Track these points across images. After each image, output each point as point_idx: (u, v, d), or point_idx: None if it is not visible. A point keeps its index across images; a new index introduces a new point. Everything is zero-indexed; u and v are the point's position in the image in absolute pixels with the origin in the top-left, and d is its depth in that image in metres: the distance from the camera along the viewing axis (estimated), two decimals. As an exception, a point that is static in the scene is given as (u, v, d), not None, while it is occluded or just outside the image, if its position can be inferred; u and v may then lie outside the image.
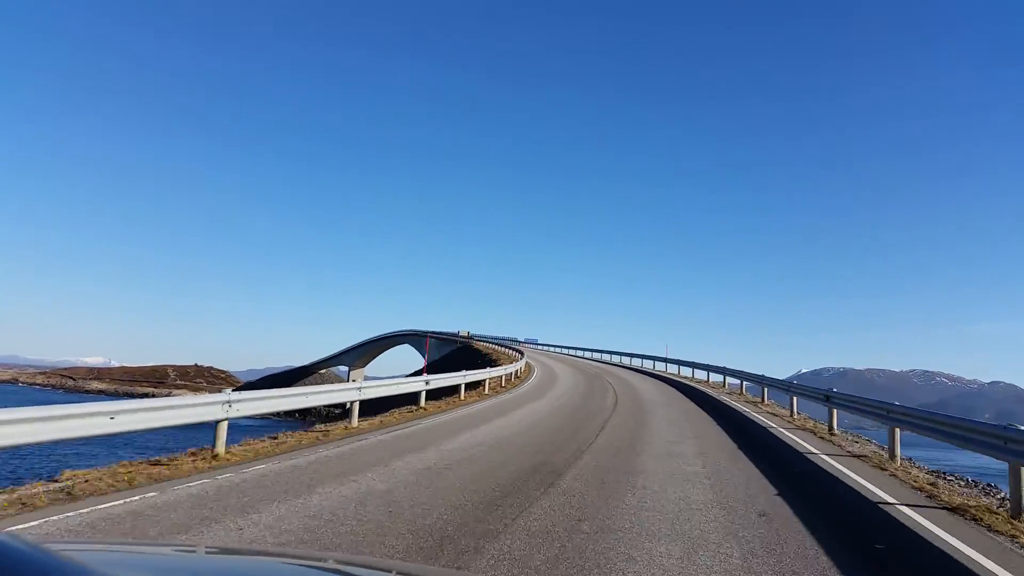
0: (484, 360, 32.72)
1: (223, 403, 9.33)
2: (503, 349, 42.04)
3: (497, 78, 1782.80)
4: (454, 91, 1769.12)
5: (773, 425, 15.49)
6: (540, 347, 57.39)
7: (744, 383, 25.09)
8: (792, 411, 17.71)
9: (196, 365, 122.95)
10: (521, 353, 32.81)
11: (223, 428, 9.30)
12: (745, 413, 18.15)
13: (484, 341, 53.14)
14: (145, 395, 58.99)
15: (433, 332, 63.54)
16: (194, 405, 9.07)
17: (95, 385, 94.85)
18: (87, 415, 7.57)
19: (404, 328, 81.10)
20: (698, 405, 19.83)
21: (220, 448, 9.20)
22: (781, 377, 22.80)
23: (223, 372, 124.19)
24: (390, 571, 2.11)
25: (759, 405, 20.80)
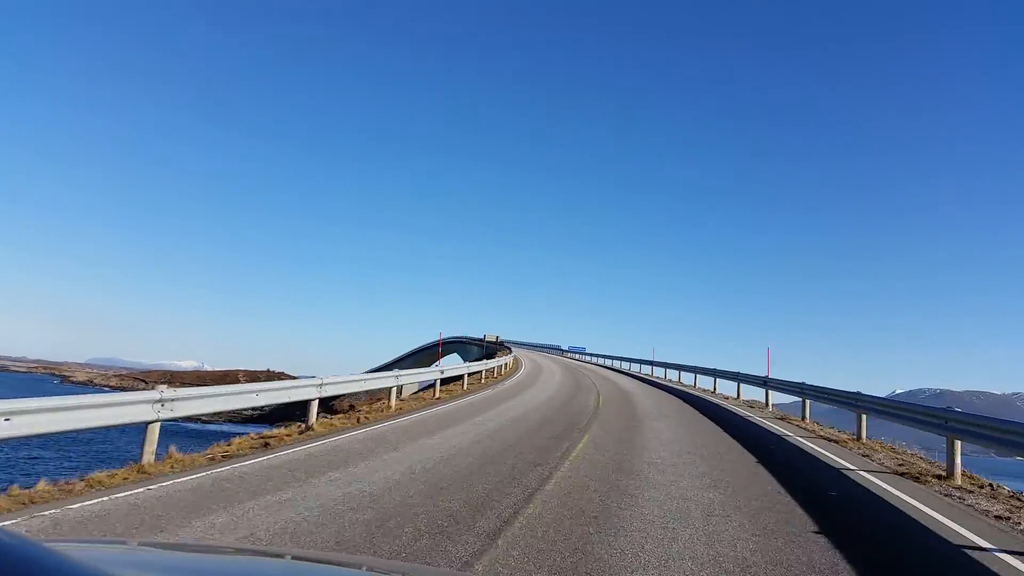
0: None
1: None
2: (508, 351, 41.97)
3: (562, 93, 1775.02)
4: (517, 101, 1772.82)
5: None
6: (586, 356, 54.61)
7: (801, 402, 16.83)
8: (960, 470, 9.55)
9: (267, 371, 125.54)
10: (509, 349, 38.91)
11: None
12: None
13: (512, 345, 50.99)
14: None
15: (465, 337, 61.78)
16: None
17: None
18: None
19: (450, 335, 79.86)
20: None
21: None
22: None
23: (294, 378, 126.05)
24: (374, 569, 2.04)
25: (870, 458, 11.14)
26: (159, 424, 7.86)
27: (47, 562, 0.81)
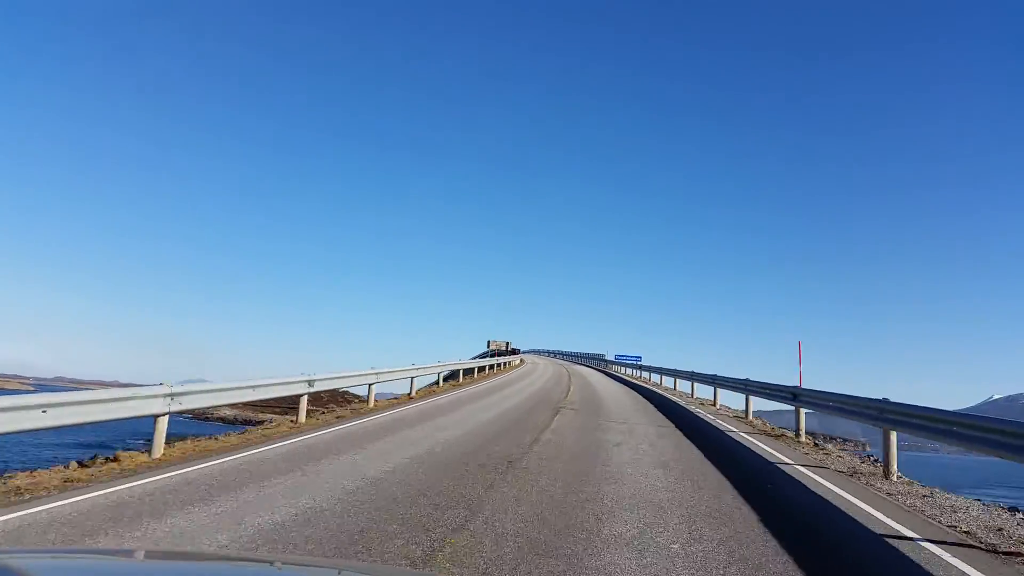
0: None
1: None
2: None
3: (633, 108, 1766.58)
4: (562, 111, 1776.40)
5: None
6: (638, 368, 53.88)
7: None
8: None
9: (332, 389, 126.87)
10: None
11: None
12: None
13: (540, 355, 50.95)
14: (262, 421, 60.35)
15: (494, 350, 62.62)
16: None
17: (227, 410, 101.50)
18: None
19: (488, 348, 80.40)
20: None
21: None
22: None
23: (357, 396, 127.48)
24: (337, 569, 2.10)
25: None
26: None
27: None
